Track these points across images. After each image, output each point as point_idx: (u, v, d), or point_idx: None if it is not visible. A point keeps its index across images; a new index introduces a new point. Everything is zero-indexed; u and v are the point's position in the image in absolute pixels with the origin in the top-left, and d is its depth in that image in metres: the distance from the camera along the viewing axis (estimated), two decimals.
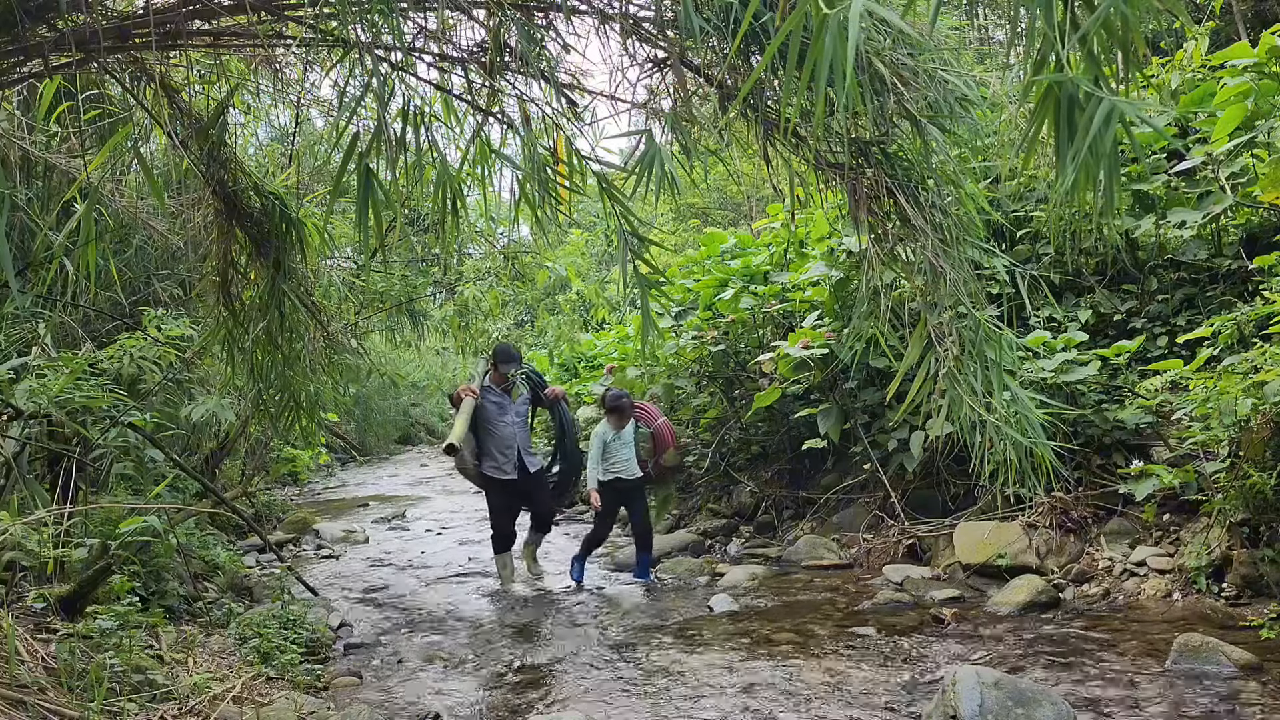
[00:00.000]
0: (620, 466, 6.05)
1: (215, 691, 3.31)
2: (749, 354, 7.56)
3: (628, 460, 6.09)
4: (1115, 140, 1.64)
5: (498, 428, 6.17)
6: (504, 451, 6.16)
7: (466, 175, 3.23)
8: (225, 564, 5.55)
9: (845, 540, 6.26)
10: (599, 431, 6.09)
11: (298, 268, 4.50)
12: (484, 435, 6.20)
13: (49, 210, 5.03)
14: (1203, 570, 4.33)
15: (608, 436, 6.05)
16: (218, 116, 3.94)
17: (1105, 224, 4.36)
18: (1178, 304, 5.50)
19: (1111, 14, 1.56)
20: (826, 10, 1.51)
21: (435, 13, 3.14)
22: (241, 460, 9.54)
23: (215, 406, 6.11)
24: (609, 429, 6.05)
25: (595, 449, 6.04)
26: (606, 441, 6.05)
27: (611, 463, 6.04)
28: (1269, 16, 6.87)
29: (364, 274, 8.31)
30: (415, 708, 3.72)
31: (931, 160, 3.17)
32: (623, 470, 6.05)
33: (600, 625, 4.94)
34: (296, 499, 12.11)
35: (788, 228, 7.33)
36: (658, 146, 2.92)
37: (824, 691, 3.62)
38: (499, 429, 6.17)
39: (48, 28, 3.21)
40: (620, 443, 6.08)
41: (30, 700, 2.81)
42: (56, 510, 3.73)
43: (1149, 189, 5.53)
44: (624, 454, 6.09)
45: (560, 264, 10.12)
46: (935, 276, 3.10)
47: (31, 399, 4.16)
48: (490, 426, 6.18)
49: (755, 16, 2.77)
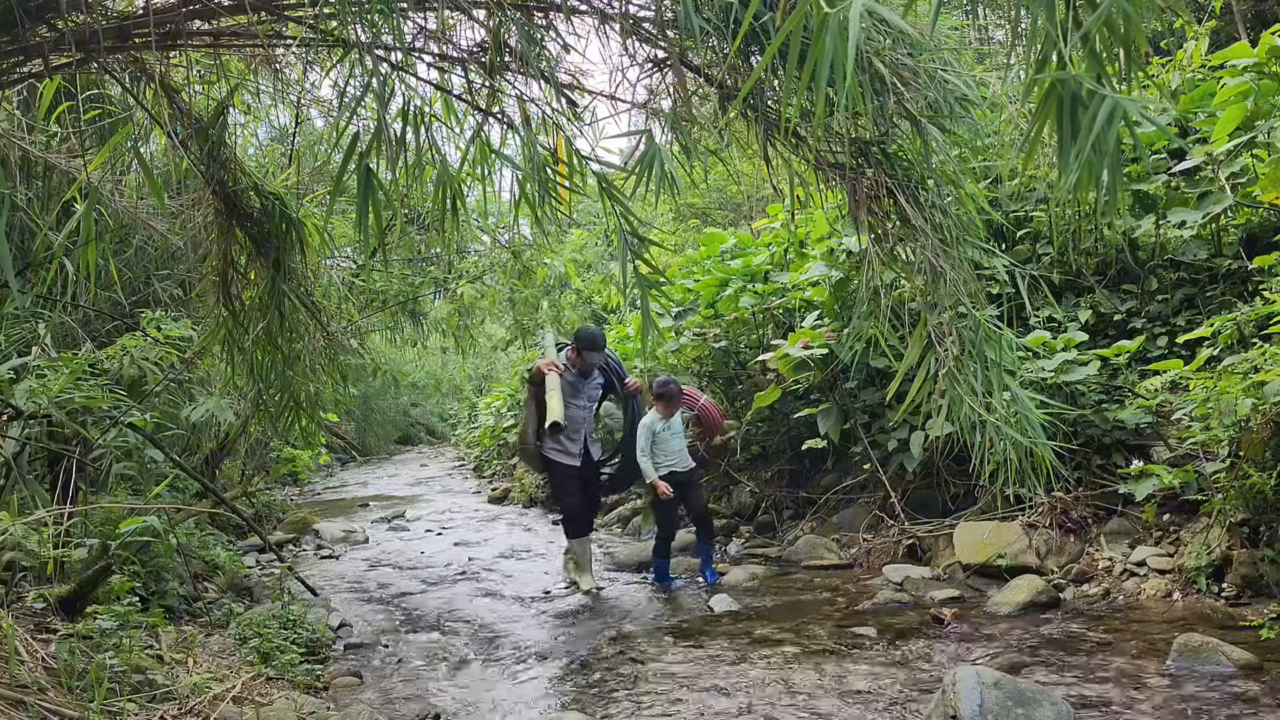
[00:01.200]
0: (673, 459, 5.80)
1: (215, 691, 3.31)
2: (749, 353, 7.56)
3: (680, 451, 5.84)
4: (1118, 138, 1.63)
5: (569, 409, 5.84)
6: (571, 436, 5.90)
7: (466, 175, 3.23)
8: (225, 564, 5.55)
9: (845, 540, 6.26)
10: (647, 422, 5.79)
11: (298, 268, 4.50)
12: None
13: (49, 210, 5.03)
14: (1203, 570, 4.33)
15: (657, 427, 5.76)
16: (218, 116, 3.94)
17: (1107, 223, 4.36)
18: (1178, 304, 5.50)
19: (1113, 12, 1.56)
20: (827, 10, 1.51)
21: (435, 13, 3.14)
22: (241, 460, 9.54)
23: (215, 407, 6.10)
24: (657, 419, 5.76)
25: (644, 441, 5.74)
26: (656, 432, 5.76)
27: (664, 455, 5.78)
28: (1269, 16, 6.87)
29: (364, 274, 8.31)
30: (415, 708, 3.72)
31: (931, 160, 3.17)
32: (676, 462, 5.80)
33: (601, 625, 4.94)
34: (296, 499, 12.12)
35: (788, 228, 7.33)
36: (658, 146, 2.92)
37: (824, 691, 3.62)
38: (570, 409, 5.85)
39: (48, 28, 3.20)
40: (670, 433, 5.80)
41: (30, 700, 2.81)
42: (56, 510, 3.73)
43: (1149, 189, 5.53)
44: (675, 445, 5.83)
45: (560, 262, 10.12)
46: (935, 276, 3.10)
47: (31, 399, 4.16)
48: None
49: (755, 16, 2.77)
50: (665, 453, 5.79)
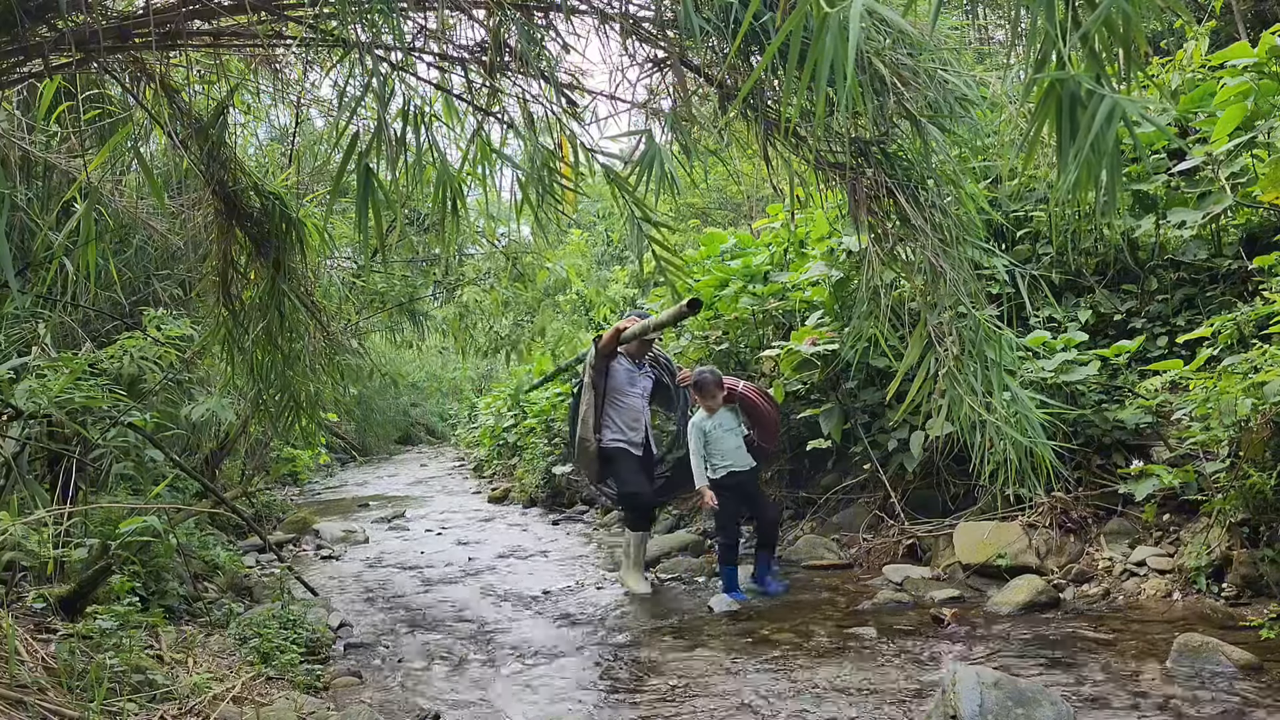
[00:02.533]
0: (730, 458, 5.30)
1: (215, 691, 3.31)
2: (749, 354, 7.56)
3: (736, 449, 5.33)
4: (1117, 138, 1.63)
5: (627, 397, 5.72)
6: (632, 425, 5.74)
7: (467, 175, 3.23)
8: (225, 564, 5.55)
9: (845, 540, 6.26)
10: (695, 422, 5.38)
11: (298, 268, 4.50)
12: (610, 404, 5.77)
13: (49, 210, 5.03)
14: (1203, 570, 4.33)
15: (705, 425, 5.33)
16: (217, 116, 3.94)
17: (1106, 223, 4.36)
18: (1178, 304, 5.50)
19: (1113, 12, 1.56)
20: (828, 10, 1.51)
21: (435, 12, 3.14)
22: (241, 460, 9.54)
23: (215, 406, 6.10)
24: (704, 416, 5.34)
25: (695, 442, 5.33)
26: (705, 431, 5.33)
27: (719, 456, 5.32)
28: (1269, 16, 6.87)
29: (364, 274, 8.31)
30: (416, 707, 3.72)
31: (931, 160, 3.18)
32: (734, 462, 5.31)
33: (600, 625, 4.94)
34: (296, 499, 12.12)
35: (788, 228, 7.33)
36: (658, 146, 2.92)
37: (824, 692, 3.62)
38: (628, 398, 5.72)
39: (48, 28, 3.21)
40: (722, 430, 5.33)
41: (30, 700, 2.81)
42: (56, 510, 3.73)
43: (1149, 189, 5.53)
44: (729, 442, 5.34)
45: (561, 264, 10.13)
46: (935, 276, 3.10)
47: (31, 399, 4.16)
48: (619, 396, 5.76)
49: (755, 16, 2.77)
50: (720, 452, 5.35)
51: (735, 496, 5.34)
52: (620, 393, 5.79)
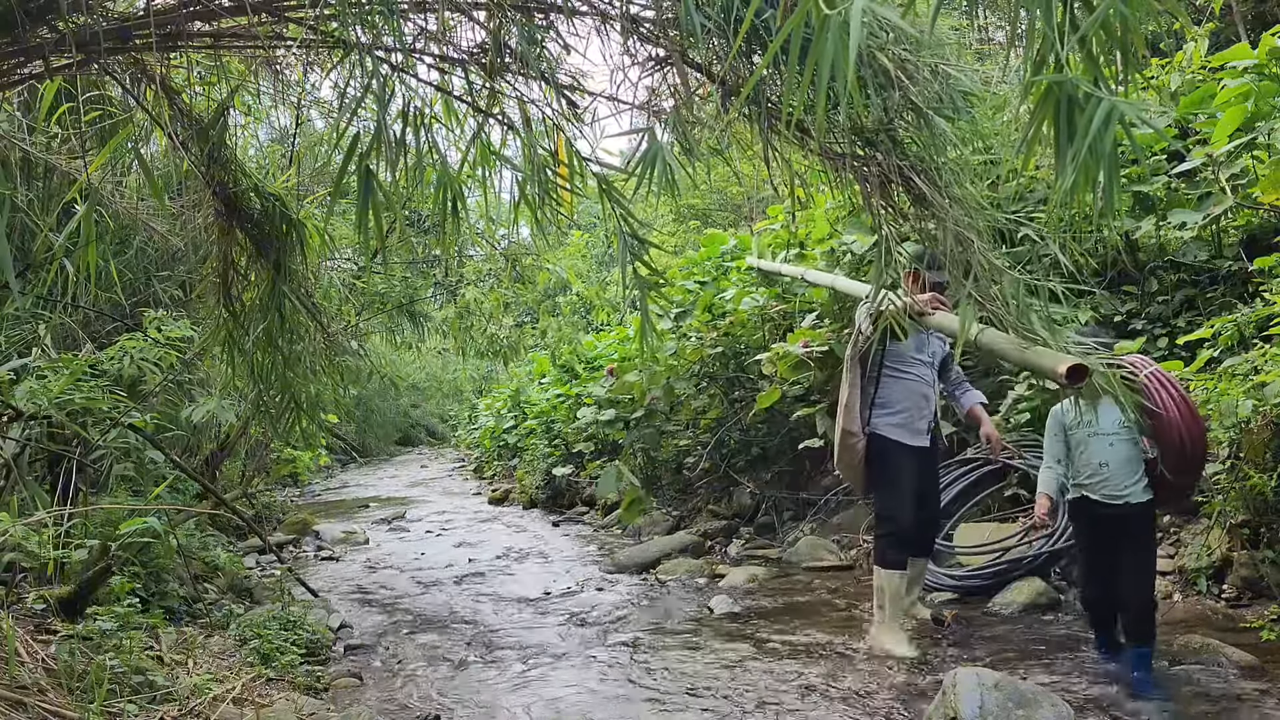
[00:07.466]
0: (1098, 480, 3.48)
1: (215, 693, 3.31)
2: (749, 354, 7.56)
3: (1118, 470, 3.45)
4: (1115, 141, 1.63)
5: (911, 368, 4.22)
6: (919, 407, 4.22)
7: (467, 177, 3.23)
8: (225, 565, 5.55)
9: (845, 541, 6.26)
10: (1056, 412, 3.69)
11: (298, 269, 4.50)
12: (889, 379, 4.22)
13: (49, 211, 5.02)
14: (1203, 572, 4.33)
15: (1067, 419, 3.59)
16: (218, 118, 3.94)
17: (1106, 225, 4.35)
18: (1178, 305, 5.50)
19: (1110, 15, 1.56)
20: (827, 10, 1.51)
21: (435, 14, 3.14)
22: (242, 461, 9.54)
23: (215, 408, 6.10)
24: (1068, 406, 3.55)
25: (1050, 441, 3.68)
26: (1067, 427, 3.61)
27: (1083, 472, 3.54)
28: (1269, 17, 6.87)
29: (364, 275, 8.31)
30: (416, 709, 3.72)
31: (937, 152, 3.17)
32: (1105, 487, 3.47)
33: (600, 626, 4.94)
34: (297, 500, 12.13)
35: (788, 229, 7.33)
36: (659, 144, 2.92)
37: (824, 693, 3.62)
38: (913, 368, 4.22)
39: (48, 29, 3.21)
40: (1096, 435, 3.50)
41: (30, 701, 2.81)
42: (56, 511, 3.73)
43: (1149, 190, 5.53)
44: (1103, 455, 3.48)
45: (560, 266, 10.13)
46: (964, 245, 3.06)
47: (32, 400, 4.16)
48: (899, 368, 4.23)
49: (756, 14, 2.77)
50: (1086, 467, 3.52)
51: (1093, 532, 3.60)
52: (902, 365, 4.22)
